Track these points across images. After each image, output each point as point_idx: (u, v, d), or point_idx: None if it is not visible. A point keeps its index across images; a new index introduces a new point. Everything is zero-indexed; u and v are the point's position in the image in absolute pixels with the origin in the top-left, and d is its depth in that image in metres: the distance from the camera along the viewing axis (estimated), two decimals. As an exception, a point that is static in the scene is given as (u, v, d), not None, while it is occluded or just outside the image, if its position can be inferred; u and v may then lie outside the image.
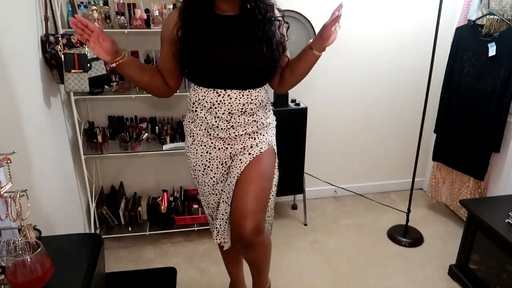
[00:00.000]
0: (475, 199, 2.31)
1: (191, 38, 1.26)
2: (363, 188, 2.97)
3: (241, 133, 1.39)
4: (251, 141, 1.42)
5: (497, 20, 2.11)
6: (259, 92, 1.38)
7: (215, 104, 1.33)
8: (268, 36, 1.29)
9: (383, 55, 2.64)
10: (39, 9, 1.78)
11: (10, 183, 1.06)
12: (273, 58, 1.32)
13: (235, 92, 1.32)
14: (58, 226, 1.79)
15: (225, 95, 1.32)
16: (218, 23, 1.28)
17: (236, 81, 1.31)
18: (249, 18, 1.27)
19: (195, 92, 1.37)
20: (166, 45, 1.35)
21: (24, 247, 0.99)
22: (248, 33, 1.28)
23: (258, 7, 1.27)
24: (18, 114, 1.48)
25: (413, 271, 2.17)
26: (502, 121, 2.14)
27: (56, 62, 1.78)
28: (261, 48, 1.28)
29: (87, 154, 2.16)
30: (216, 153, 1.42)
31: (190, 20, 1.26)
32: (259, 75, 1.34)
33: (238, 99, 1.33)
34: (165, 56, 1.37)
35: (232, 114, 1.34)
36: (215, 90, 1.32)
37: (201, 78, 1.33)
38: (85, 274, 1.10)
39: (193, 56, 1.27)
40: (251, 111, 1.37)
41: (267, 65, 1.33)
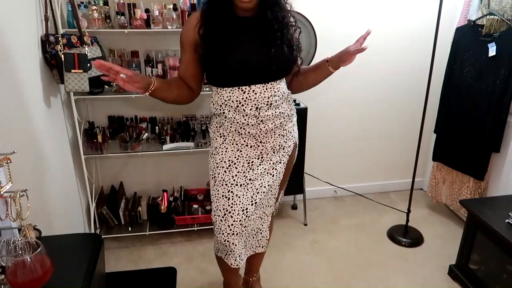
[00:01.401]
0: (475, 199, 2.31)
1: (214, 37, 1.31)
2: (363, 188, 2.97)
3: (271, 127, 1.42)
4: (280, 139, 1.47)
5: (497, 20, 2.11)
6: (280, 84, 1.42)
7: (241, 102, 1.36)
8: (287, 39, 1.36)
9: (383, 55, 2.64)
10: (39, 9, 1.78)
11: (10, 183, 1.06)
12: (291, 55, 1.38)
13: (259, 86, 1.35)
14: (58, 226, 1.79)
15: (250, 91, 1.35)
16: (237, 24, 1.33)
17: (258, 76, 1.35)
18: (268, 22, 1.33)
19: (219, 95, 1.40)
20: (187, 50, 1.38)
21: (24, 247, 0.98)
22: (266, 34, 1.34)
23: (276, 14, 1.33)
24: (18, 114, 1.48)
25: (413, 271, 2.17)
26: (502, 121, 2.14)
27: (56, 62, 1.78)
28: (279, 47, 1.34)
29: (87, 154, 2.16)
30: (247, 151, 1.45)
31: (212, 20, 1.31)
32: (280, 67, 1.38)
33: (263, 92, 1.36)
34: (187, 62, 1.40)
35: (259, 109, 1.37)
36: (239, 88, 1.35)
37: (225, 78, 1.35)
38: (85, 274, 1.09)
39: (216, 55, 1.31)
40: (276, 103, 1.40)
41: (286, 60, 1.39)
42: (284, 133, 1.49)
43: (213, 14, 1.31)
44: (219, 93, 1.40)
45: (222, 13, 1.30)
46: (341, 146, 2.84)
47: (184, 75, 1.43)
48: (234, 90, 1.35)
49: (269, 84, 1.37)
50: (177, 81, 1.43)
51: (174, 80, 1.45)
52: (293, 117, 1.55)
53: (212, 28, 1.31)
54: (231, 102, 1.37)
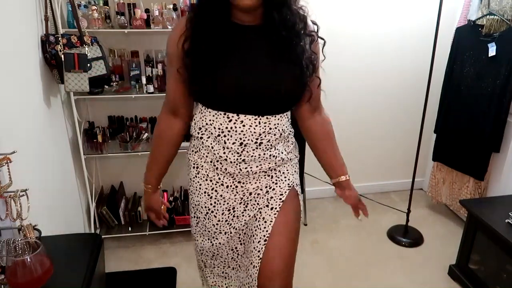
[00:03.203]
0: (475, 199, 2.31)
1: (201, 49, 1.02)
2: (363, 188, 2.97)
3: (255, 170, 1.13)
4: (268, 180, 1.17)
5: (497, 20, 2.11)
6: (280, 120, 1.12)
7: (224, 132, 1.08)
8: (296, 53, 1.05)
9: (383, 55, 2.64)
10: (39, 9, 1.77)
11: (10, 183, 1.06)
12: (301, 79, 1.07)
13: (250, 118, 1.07)
14: (58, 226, 1.79)
15: (237, 121, 1.06)
16: (235, 34, 1.04)
17: (252, 105, 1.06)
18: (274, 30, 1.03)
19: (202, 115, 1.13)
20: (176, 65, 1.09)
21: (24, 247, 0.98)
22: (271, 48, 1.04)
23: (284, 18, 1.02)
24: (18, 114, 1.48)
25: (413, 271, 2.17)
26: (502, 121, 2.14)
27: (56, 62, 1.78)
28: (287, 67, 1.04)
29: (87, 154, 2.16)
30: (224, 192, 1.17)
31: (200, 29, 1.02)
32: (282, 100, 1.09)
33: (253, 127, 1.07)
34: (177, 80, 1.11)
35: (245, 146, 1.09)
36: (225, 114, 1.07)
37: (211, 99, 1.08)
38: (85, 274, 1.09)
39: (203, 71, 1.03)
40: (269, 143, 1.11)
41: (293, 88, 1.08)
42: (273, 174, 1.17)
43: (203, 22, 1.01)
44: (203, 113, 1.13)
45: (215, 20, 1.01)
46: (341, 146, 2.81)
47: (173, 98, 1.17)
48: (219, 115, 1.08)
49: (264, 117, 1.07)
50: (161, 153, 1.26)
51: (160, 155, 1.27)
52: (290, 162, 1.23)
53: (199, 38, 1.02)
54: (213, 128, 1.10)
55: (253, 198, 1.18)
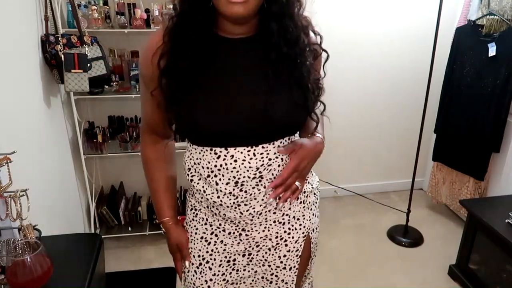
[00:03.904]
0: (475, 199, 2.31)
1: (179, 68, 0.82)
2: (363, 188, 2.97)
3: (259, 210, 0.91)
4: (279, 227, 0.96)
5: (497, 20, 2.11)
6: (285, 144, 0.90)
7: (214, 171, 0.88)
8: (301, 75, 0.85)
9: (383, 55, 2.64)
10: (39, 9, 1.77)
11: (10, 183, 1.06)
12: (305, 107, 0.87)
13: (242, 150, 0.85)
14: (58, 226, 1.79)
15: (227, 156, 0.86)
16: (222, 49, 0.84)
17: (242, 136, 0.85)
18: (273, 45, 0.82)
19: (190, 154, 0.94)
20: (152, 86, 0.87)
21: (24, 247, 0.98)
22: (268, 67, 0.83)
23: (286, 31, 0.81)
24: (18, 114, 1.48)
25: (413, 271, 2.17)
26: (502, 121, 2.14)
27: (56, 62, 1.78)
28: (288, 92, 0.85)
29: (87, 154, 2.16)
30: (226, 238, 0.97)
31: (180, 43, 0.82)
32: (280, 130, 0.88)
33: (247, 160, 0.86)
34: (154, 104, 0.91)
35: (241, 185, 0.87)
36: (212, 149, 0.87)
37: (191, 131, 0.88)
38: (85, 274, 1.10)
39: (180, 95, 0.83)
40: (273, 176, 0.88)
41: (295, 118, 0.88)
42: (285, 220, 0.96)
43: (183, 34, 0.81)
44: (189, 150, 0.94)
45: (197, 32, 0.80)
46: (341, 146, 2.84)
47: (152, 124, 0.99)
48: (205, 151, 0.88)
49: (259, 147, 0.86)
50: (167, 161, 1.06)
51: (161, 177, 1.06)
52: (307, 199, 1.01)
53: (179, 56, 0.81)
54: (201, 168, 0.90)
55: (261, 250, 0.98)
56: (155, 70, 0.84)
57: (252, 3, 0.74)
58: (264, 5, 0.78)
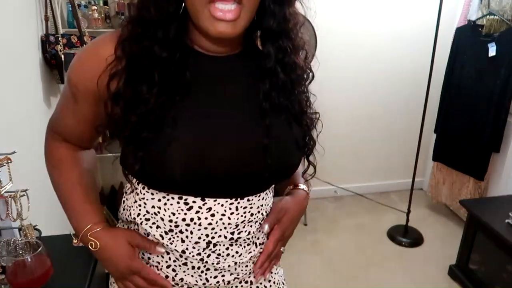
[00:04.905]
0: (475, 199, 2.31)
1: (143, 99, 0.61)
2: (363, 188, 2.97)
3: (228, 280, 0.72)
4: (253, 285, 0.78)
5: (497, 20, 2.11)
6: (266, 200, 0.73)
7: (180, 225, 0.67)
8: (300, 107, 0.70)
9: (383, 55, 2.64)
10: (39, 9, 1.77)
11: (10, 183, 1.06)
12: (304, 146, 0.75)
13: (223, 203, 0.67)
14: (58, 226, 1.79)
15: (202, 209, 0.66)
16: (199, 70, 0.65)
17: (226, 186, 0.66)
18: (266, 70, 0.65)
19: (139, 198, 0.70)
20: (84, 101, 0.68)
21: (24, 247, 0.98)
22: (261, 98, 0.65)
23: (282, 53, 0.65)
24: (18, 114, 1.47)
25: (413, 271, 2.17)
26: (502, 121, 2.14)
27: (56, 62, 1.78)
28: (287, 130, 0.69)
29: (87, 154, 2.16)
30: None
31: (140, 63, 0.61)
32: (276, 177, 0.70)
33: (228, 215, 0.67)
34: (81, 115, 0.71)
35: (214, 246, 0.69)
36: (181, 198, 0.66)
37: (158, 179, 0.64)
38: (85, 274, 1.10)
39: (144, 138, 0.62)
40: (249, 236, 0.71)
41: (292, 160, 0.72)
42: (258, 285, 0.79)
43: (147, 50, 0.60)
44: (139, 194, 0.70)
45: (167, 47, 0.60)
46: (341, 145, 2.84)
47: (70, 134, 0.77)
48: (169, 200, 0.67)
49: (244, 200, 0.68)
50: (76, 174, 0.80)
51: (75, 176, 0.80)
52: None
53: (140, 79, 0.61)
54: (159, 220, 0.68)
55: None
56: (101, 92, 0.63)
57: (243, 20, 0.58)
58: (254, 19, 0.62)
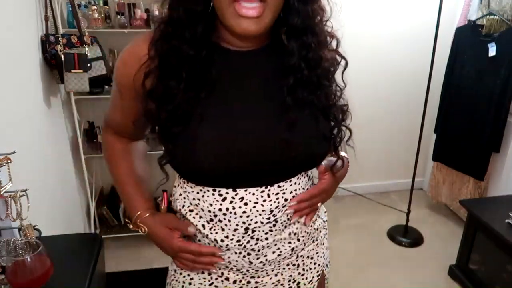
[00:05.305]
0: (475, 199, 2.31)
1: (173, 95, 0.66)
2: (363, 188, 2.97)
3: (271, 258, 0.78)
4: (292, 270, 0.83)
5: (497, 20, 2.12)
6: (299, 184, 0.76)
7: (218, 215, 0.73)
8: (326, 101, 0.74)
9: (383, 56, 2.64)
10: (39, 9, 1.77)
11: (10, 183, 1.06)
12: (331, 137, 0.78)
13: (254, 192, 0.71)
14: (58, 226, 1.79)
15: (235, 199, 0.71)
16: (226, 67, 0.69)
17: (255, 176, 0.71)
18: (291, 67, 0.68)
19: (184, 192, 0.78)
20: (127, 97, 0.75)
21: (24, 247, 0.98)
22: (286, 93, 0.68)
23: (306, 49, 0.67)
24: (18, 114, 1.47)
25: (413, 271, 2.17)
26: (502, 121, 2.14)
27: (56, 62, 1.78)
28: (311, 123, 0.72)
29: (87, 154, 2.16)
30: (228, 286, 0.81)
31: (170, 61, 0.66)
32: (303, 166, 0.75)
33: (260, 203, 0.72)
34: (128, 108, 0.77)
35: (252, 232, 0.74)
36: (216, 190, 0.72)
37: (191, 172, 0.72)
38: (85, 274, 1.09)
39: (175, 133, 0.67)
40: (287, 220, 0.76)
41: (318, 151, 0.75)
42: (299, 262, 0.84)
43: (175, 48, 0.65)
44: (183, 188, 0.78)
45: (195, 45, 0.64)
46: (341, 146, 2.84)
47: (124, 129, 0.83)
48: (205, 192, 0.73)
49: (274, 187, 0.72)
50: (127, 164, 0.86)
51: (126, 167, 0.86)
52: (320, 233, 0.92)
53: (171, 78, 0.66)
54: (200, 211, 0.75)
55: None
56: (138, 89, 0.69)
57: (267, 17, 0.60)
58: (280, 15, 0.65)
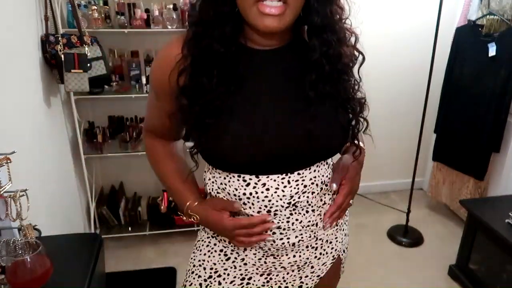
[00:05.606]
0: (475, 199, 2.31)
1: (205, 90, 0.73)
2: (363, 188, 2.95)
3: (293, 242, 0.84)
4: (310, 252, 0.88)
5: (497, 20, 2.12)
6: (318, 172, 0.82)
7: (242, 198, 0.80)
8: (345, 95, 0.79)
9: (383, 55, 2.64)
10: (39, 9, 1.77)
11: (10, 183, 1.06)
12: (347, 129, 0.81)
13: (275, 178, 0.78)
14: (58, 226, 1.79)
15: (258, 184, 0.78)
16: (252, 64, 0.76)
17: (277, 164, 0.77)
18: (313, 63, 0.73)
19: (212, 177, 0.85)
20: (163, 99, 0.81)
21: (24, 247, 0.98)
22: (308, 87, 0.74)
23: (327, 46, 0.73)
24: (18, 114, 1.47)
25: (413, 271, 2.17)
26: (502, 121, 2.14)
27: (56, 62, 1.78)
28: (330, 114, 0.77)
29: (87, 154, 2.16)
30: (248, 258, 0.87)
31: (202, 58, 0.72)
32: (322, 155, 0.81)
33: (281, 188, 0.78)
34: (165, 116, 0.82)
35: (274, 214, 0.80)
36: (240, 176, 0.79)
37: (219, 160, 0.79)
38: (85, 274, 1.09)
39: (206, 124, 0.74)
40: (307, 204, 0.82)
41: (337, 142, 0.81)
42: (318, 245, 0.89)
43: (207, 47, 0.71)
44: (211, 173, 0.85)
45: (224, 44, 0.71)
46: (341, 146, 2.84)
47: (161, 130, 0.89)
48: (231, 178, 0.80)
49: (294, 174, 0.78)
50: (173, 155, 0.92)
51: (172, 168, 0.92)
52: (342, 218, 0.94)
53: (203, 74, 0.72)
54: (227, 194, 0.82)
55: (282, 273, 0.89)
56: (173, 87, 0.76)
57: (289, 16, 0.66)
58: (300, 14, 0.70)
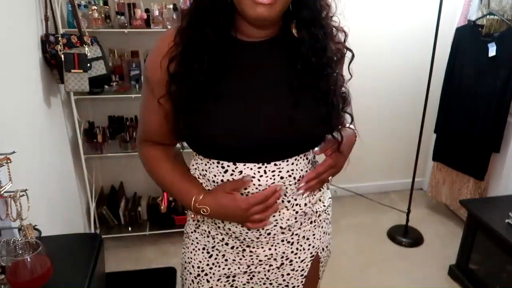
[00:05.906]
0: (475, 199, 2.31)
1: (194, 75, 0.74)
2: (363, 188, 2.97)
3: (268, 230, 0.86)
4: (286, 247, 0.90)
5: (497, 20, 2.12)
6: (296, 165, 0.83)
7: (220, 184, 0.83)
8: (328, 88, 0.80)
9: (383, 56, 2.64)
10: (39, 9, 1.77)
11: (10, 183, 1.06)
12: (328, 121, 0.80)
13: (252, 167, 0.79)
14: (58, 226, 1.79)
15: (235, 172, 0.80)
16: (240, 54, 0.78)
17: (254, 152, 0.79)
18: (299, 54, 0.77)
19: (196, 163, 0.88)
20: (157, 91, 0.80)
21: (24, 247, 0.98)
22: (292, 75, 0.77)
23: (315, 39, 0.76)
24: (18, 114, 1.47)
25: (413, 271, 2.17)
26: (502, 121, 2.14)
27: (56, 62, 1.78)
28: (312, 105, 0.79)
29: (87, 154, 2.16)
30: (227, 253, 0.90)
31: (194, 45, 0.75)
32: (301, 147, 0.83)
33: (257, 178, 0.80)
34: (159, 113, 0.82)
35: None
36: (219, 163, 0.81)
37: (197, 143, 0.81)
38: (85, 274, 1.09)
39: (192, 108, 0.76)
40: (284, 196, 0.83)
41: (317, 133, 0.82)
42: (294, 240, 0.90)
43: (200, 34, 0.74)
44: (196, 160, 0.88)
45: (217, 32, 0.74)
46: (341, 146, 2.84)
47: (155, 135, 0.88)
48: (211, 163, 0.82)
49: (271, 164, 0.79)
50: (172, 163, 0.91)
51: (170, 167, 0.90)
52: (320, 216, 0.93)
53: (192, 60, 0.75)
54: (206, 181, 0.85)
55: (263, 270, 0.91)
56: (163, 74, 0.77)
57: (279, 6, 0.69)
58: (290, 8, 0.74)
